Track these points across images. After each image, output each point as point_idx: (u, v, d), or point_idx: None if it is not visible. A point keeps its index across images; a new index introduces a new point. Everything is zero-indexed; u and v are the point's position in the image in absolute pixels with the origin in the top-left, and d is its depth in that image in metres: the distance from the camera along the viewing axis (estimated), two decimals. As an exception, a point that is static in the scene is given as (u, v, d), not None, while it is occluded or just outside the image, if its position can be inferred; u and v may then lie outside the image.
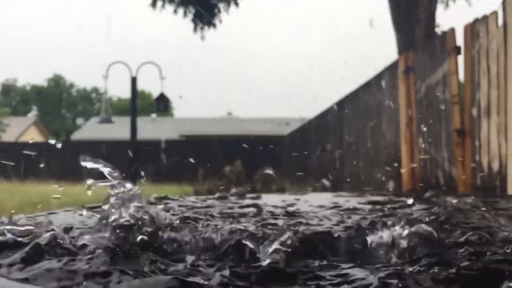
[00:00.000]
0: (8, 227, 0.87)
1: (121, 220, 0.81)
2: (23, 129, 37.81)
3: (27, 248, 0.76)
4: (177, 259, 0.75)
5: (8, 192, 11.97)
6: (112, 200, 0.86)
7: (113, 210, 0.84)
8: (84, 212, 1.18)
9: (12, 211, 1.04)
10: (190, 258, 0.76)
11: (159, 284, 0.59)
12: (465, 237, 0.85)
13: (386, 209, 1.35)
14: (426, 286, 0.60)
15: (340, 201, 1.51)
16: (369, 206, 1.40)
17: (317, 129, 13.81)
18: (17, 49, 76.04)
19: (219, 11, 13.63)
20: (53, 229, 0.85)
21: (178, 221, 0.99)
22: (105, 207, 0.86)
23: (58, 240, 0.79)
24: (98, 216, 0.90)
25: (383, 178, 7.88)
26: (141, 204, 0.85)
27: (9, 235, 0.84)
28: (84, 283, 0.62)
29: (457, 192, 4.82)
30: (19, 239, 0.83)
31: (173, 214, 1.16)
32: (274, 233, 0.79)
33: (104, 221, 0.84)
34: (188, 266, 0.70)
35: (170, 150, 20.20)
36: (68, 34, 78.33)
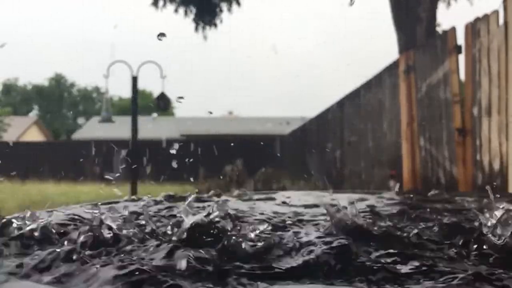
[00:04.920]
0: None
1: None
2: (24, 129, 37.84)
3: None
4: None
5: (9, 191, 11.99)
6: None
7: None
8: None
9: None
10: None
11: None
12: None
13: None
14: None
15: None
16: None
17: (317, 128, 13.82)
18: (18, 49, 76.05)
19: (220, 10, 13.63)
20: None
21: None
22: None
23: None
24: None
25: (384, 177, 7.88)
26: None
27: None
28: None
29: (458, 191, 4.82)
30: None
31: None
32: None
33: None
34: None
35: (170, 149, 20.18)
36: (69, 33, 78.30)
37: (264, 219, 1.14)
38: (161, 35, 1.37)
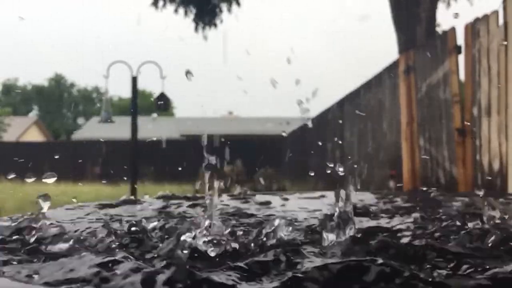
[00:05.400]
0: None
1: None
2: (24, 129, 37.85)
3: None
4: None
5: (9, 191, 11.98)
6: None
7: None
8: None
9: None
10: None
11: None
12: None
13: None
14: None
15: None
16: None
17: (317, 128, 13.81)
18: (18, 49, 76.04)
19: (220, 11, 13.63)
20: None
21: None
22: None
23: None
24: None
25: (384, 177, 7.88)
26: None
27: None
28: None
29: (457, 192, 4.82)
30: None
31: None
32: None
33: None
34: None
35: (171, 150, 20.23)
36: (69, 33, 78.30)
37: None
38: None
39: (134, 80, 11.90)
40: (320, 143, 12.68)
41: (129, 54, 15.78)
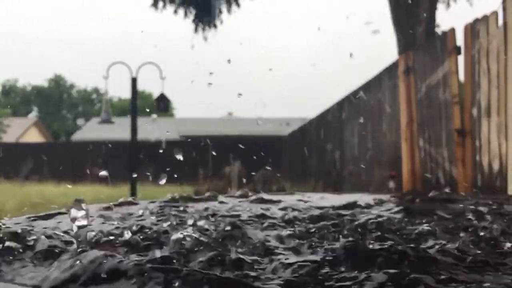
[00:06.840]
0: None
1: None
2: (24, 130, 37.82)
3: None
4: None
5: (8, 192, 11.97)
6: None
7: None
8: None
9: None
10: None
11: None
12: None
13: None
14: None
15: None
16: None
17: (317, 129, 13.82)
18: (18, 49, 76.04)
19: (220, 12, 13.63)
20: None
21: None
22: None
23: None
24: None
25: (384, 178, 7.88)
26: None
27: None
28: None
29: (457, 192, 4.82)
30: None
31: None
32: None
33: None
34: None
35: (170, 151, 20.21)
36: (69, 33, 78.30)
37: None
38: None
39: (134, 81, 11.91)
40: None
41: (129, 55, 15.77)
